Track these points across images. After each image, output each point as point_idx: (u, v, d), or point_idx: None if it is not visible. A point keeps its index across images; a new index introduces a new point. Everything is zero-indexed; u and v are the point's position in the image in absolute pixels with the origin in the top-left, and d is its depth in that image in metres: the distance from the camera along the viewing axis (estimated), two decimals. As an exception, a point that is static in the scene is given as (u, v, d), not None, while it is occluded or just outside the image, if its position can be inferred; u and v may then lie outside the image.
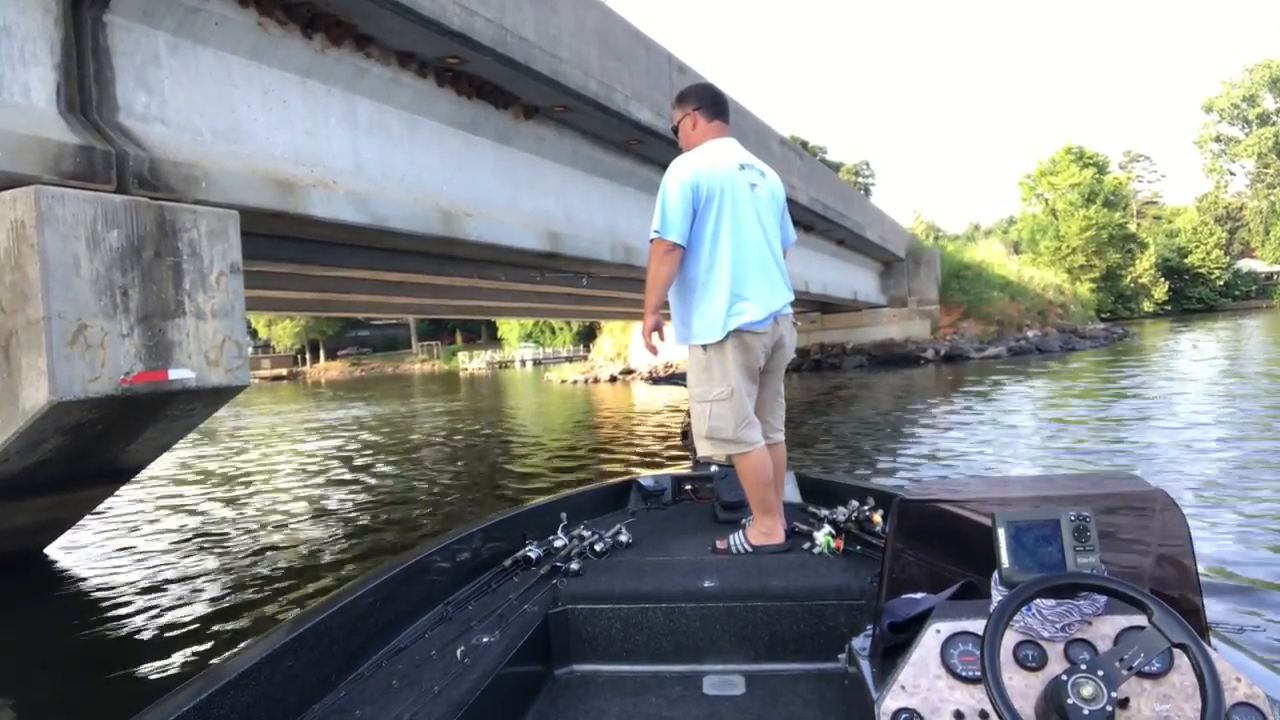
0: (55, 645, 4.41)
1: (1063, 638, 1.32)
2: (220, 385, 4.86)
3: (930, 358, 26.91)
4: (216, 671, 1.54)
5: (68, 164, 4.27)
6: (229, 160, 5.34)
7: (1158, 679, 1.28)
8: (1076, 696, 1.15)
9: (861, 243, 23.38)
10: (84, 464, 4.93)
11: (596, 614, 2.29)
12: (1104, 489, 1.62)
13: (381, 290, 12.37)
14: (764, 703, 2.05)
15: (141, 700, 1.47)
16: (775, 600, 2.26)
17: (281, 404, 30.42)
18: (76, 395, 4.15)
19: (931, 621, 1.39)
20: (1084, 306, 39.20)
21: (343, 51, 6.17)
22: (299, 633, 1.70)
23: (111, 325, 4.31)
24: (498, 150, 8.22)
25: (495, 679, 1.84)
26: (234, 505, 8.36)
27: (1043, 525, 1.36)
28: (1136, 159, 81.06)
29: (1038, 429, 10.23)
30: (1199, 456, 7.48)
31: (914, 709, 1.32)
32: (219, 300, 4.85)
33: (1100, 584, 1.28)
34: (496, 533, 2.64)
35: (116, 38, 4.79)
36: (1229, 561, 4.49)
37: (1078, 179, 57.67)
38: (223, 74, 5.46)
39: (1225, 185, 71.82)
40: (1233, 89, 65.48)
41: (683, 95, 3.01)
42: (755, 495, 2.71)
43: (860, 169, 70.68)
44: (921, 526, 1.68)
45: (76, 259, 4.16)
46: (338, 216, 6.11)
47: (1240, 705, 1.24)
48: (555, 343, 65.88)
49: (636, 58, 9.11)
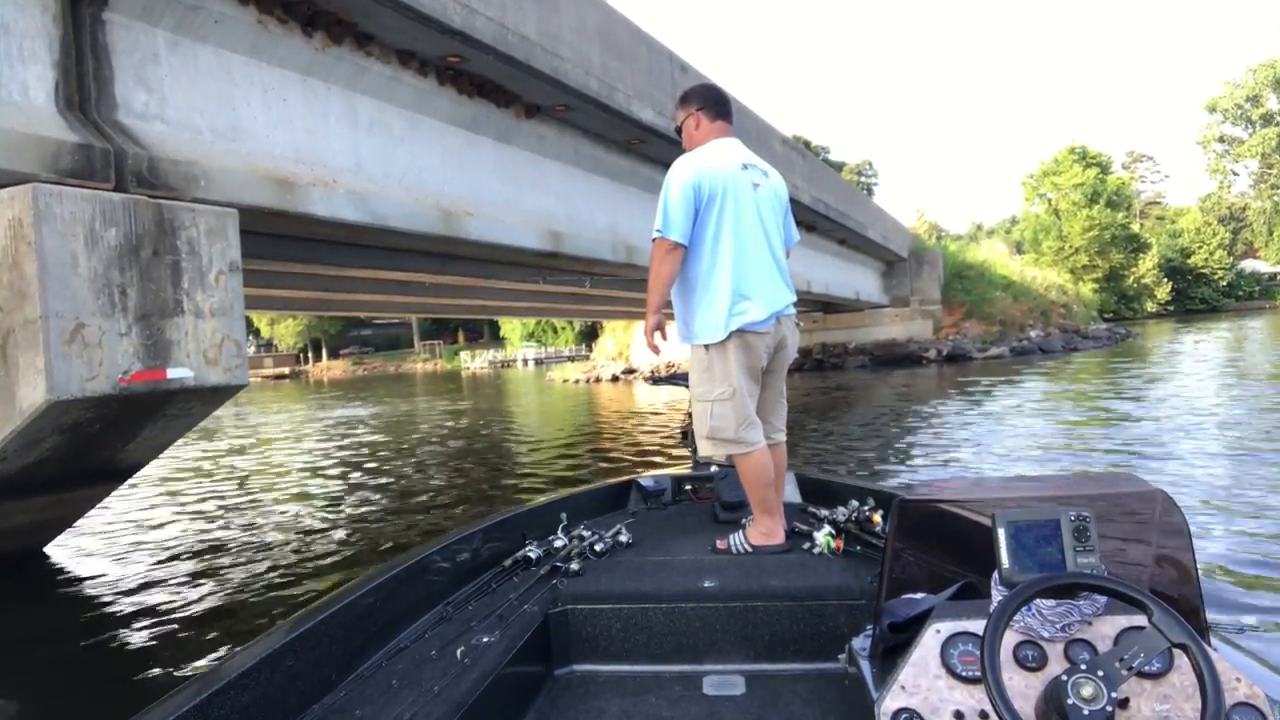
0: (54, 645, 4.39)
1: (1063, 638, 1.32)
2: (219, 384, 4.84)
3: (932, 358, 26.87)
4: (216, 671, 1.54)
5: (66, 162, 4.25)
6: (228, 158, 5.33)
7: (1158, 679, 1.28)
8: (1076, 697, 1.15)
9: (864, 242, 23.34)
10: (82, 463, 4.92)
11: (596, 614, 2.29)
12: (1104, 489, 1.62)
13: (383, 289, 12.36)
14: (764, 703, 2.05)
15: (141, 701, 1.46)
16: (775, 600, 2.25)
17: (284, 402, 30.44)
18: (74, 394, 4.13)
19: (931, 622, 1.38)
20: (1087, 307, 39.13)
21: (343, 50, 6.15)
22: (299, 633, 1.70)
23: (109, 324, 4.29)
24: (499, 149, 8.20)
25: (495, 679, 1.83)
26: (235, 505, 8.34)
27: (1043, 525, 1.36)
28: (1140, 159, 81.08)
29: (1040, 429, 10.20)
30: (1199, 457, 7.46)
31: (914, 709, 1.32)
32: (218, 299, 4.83)
33: (1100, 584, 1.28)
34: (496, 533, 2.64)
35: (115, 35, 4.77)
36: (1229, 561, 4.47)
37: (1081, 179, 57.52)
38: (222, 72, 5.45)
39: (1229, 186, 71.80)
40: (1236, 89, 65.37)
41: (686, 96, 3.01)
42: (756, 495, 2.70)
43: (863, 169, 70.63)
44: (921, 526, 1.68)
45: (74, 257, 4.15)
46: (338, 215, 6.09)
47: (1240, 705, 1.24)
48: (557, 342, 65.86)
49: (638, 57, 9.08)
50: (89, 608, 4.92)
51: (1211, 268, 66.61)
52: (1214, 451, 7.66)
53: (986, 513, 1.43)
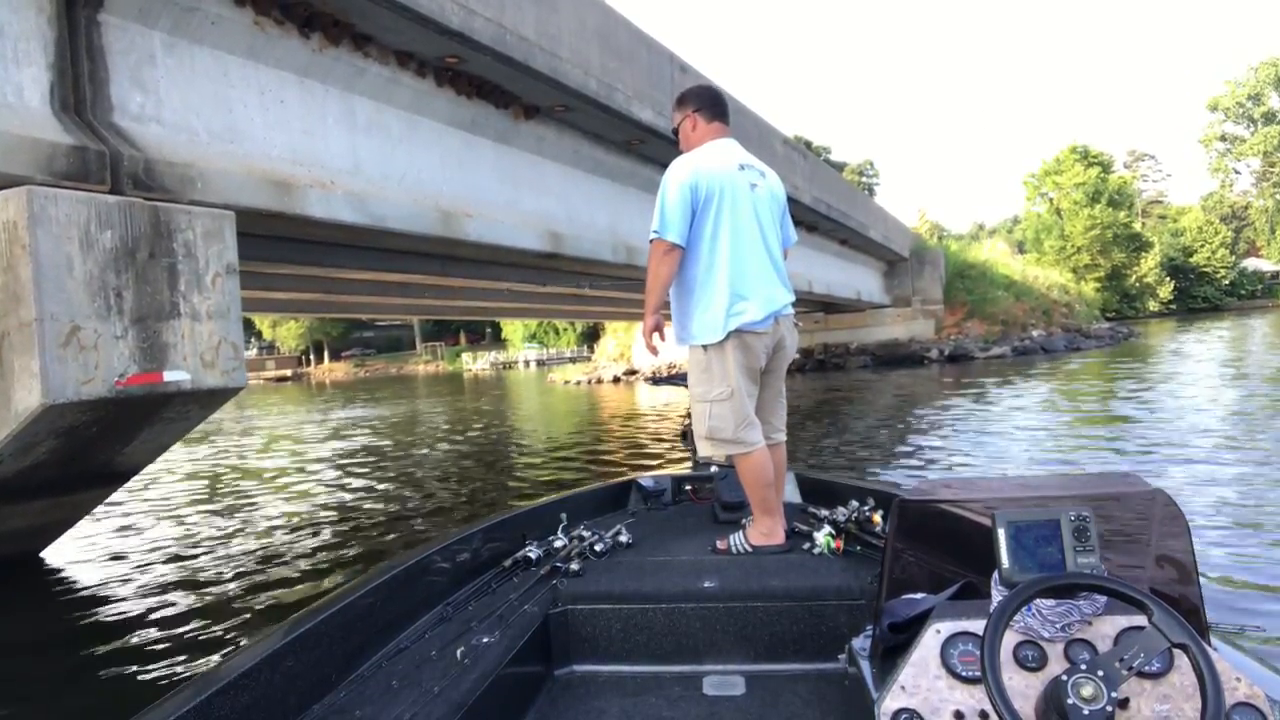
0: (53, 648, 4.37)
1: (1063, 638, 1.32)
2: (216, 387, 4.81)
3: (934, 358, 26.84)
4: (216, 671, 1.54)
5: (61, 164, 4.23)
6: (225, 160, 5.30)
7: (1158, 679, 1.27)
8: (1076, 697, 1.15)
9: (865, 242, 23.31)
10: (79, 466, 4.89)
11: (596, 614, 2.29)
12: (1104, 489, 1.62)
13: (383, 291, 12.34)
14: (764, 703, 2.05)
15: (140, 701, 1.45)
16: (775, 600, 2.25)
17: (286, 404, 30.42)
18: (69, 398, 4.11)
19: (931, 622, 1.38)
20: (1089, 306, 39.06)
21: (341, 51, 6.13)
22: (299, 633, 1.70)
23: (105, 327, 4.27)
24: (498, 150, 8.18)
25: (495, 679, 1.83)
26: (234, 507, 8.32)
27: (1043, 525, 1.36)
28: (1141, 158, 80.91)
29: (1042, 431, 10.15)
30: (1200, 457, 7.43)
31: (914, 709, 1.32)
32: (215, 301, 4.81)
33: (1100, 584, 1.27)
34: (496, 533, 2.64)
35: (111, 37, 4.75)
36: (1229, 561, 4.46)
37: (1082, 178, 57.39)
38: (219, 74, 5.42)
39: (1230, 184, 71.73)
40: (1238, 88, 65.29)
41: (683, 97, 2.99)
42: (756, 495, 2.68)
43: (864, 169, 70.56)
44: (921, 526, 1.68)
45: (69, 260, 4.12)
46: (336, 217, 6.06)
47: (1240, 705, 1.24)
48: (559, 343, 65.88)
49: (638, 57, 9.06)
50: (87, 612, 4.88)
51: (1214, 266, 66.48)
52: (1215, 451, 7.62)
53: (986, 512, 1.43)
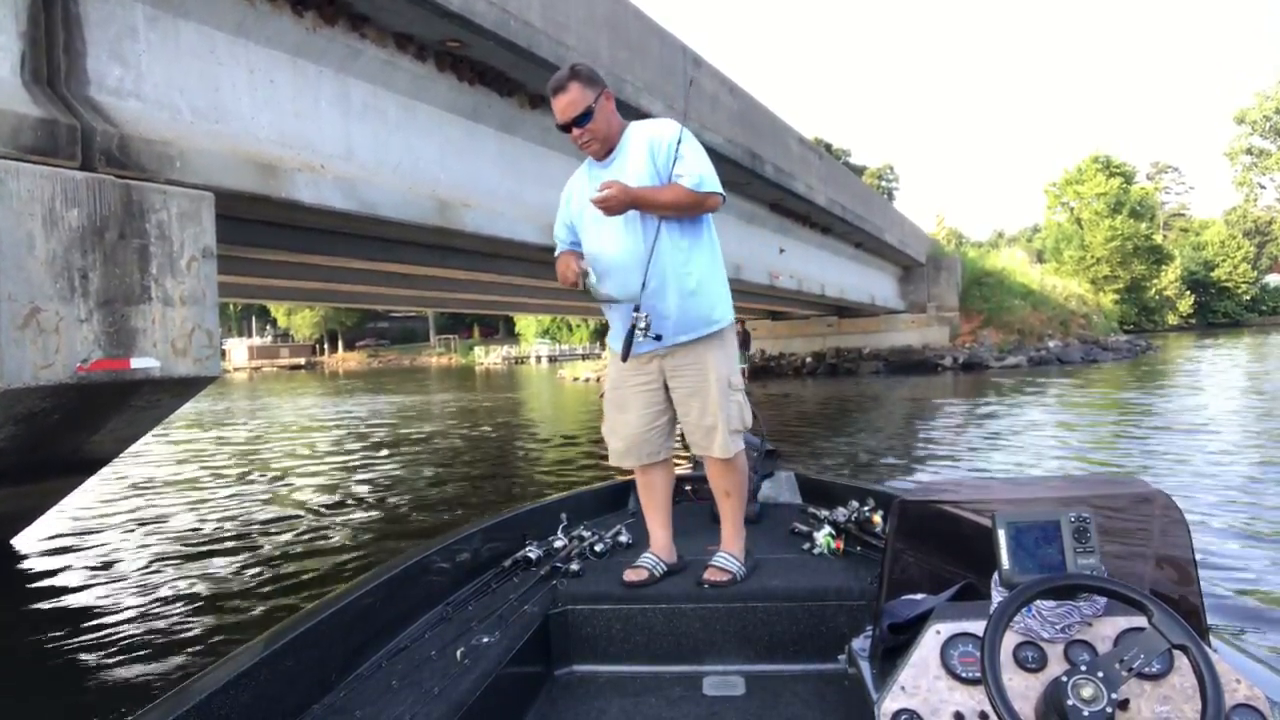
0: (15, 633, 4.21)
1: (1063, 639, 1.32)
2: (188, 375, 4.61)
3: (948, 365, 26.48)
4: (216, 671, 1.53)
5: (27, 137, 4.03)
6: (208, 140, 5.11)
7: (1158, 680, 1.28)
8: (1076, 698, 1.15)
9: (880, 246, 23.02)
10: (42, 454, 4.70)
11: (596, 614, 2.30)
12: (1104, 490, 1.63)
13: (385, 281, 12.14)
14: (764, 704, 2.06)
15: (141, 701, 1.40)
16: (775, 601, 2.26)
17: (299, 391, 30.38)
18: (26, 382, 3.90)
19: (931, 622, 1.38)
20: (1107, 318, 38.51)
21: (336, 31, 5.93)
22: (299, 633, 1.70)
23: (68, 310, 4.07)
24: (501, 140, 7.97)
25: (495, 679, 1.85)
26: (230, 498, 8.15)
27: (1043, 526, 1.35)
28: (1165, 170, 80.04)
29: (1055, 443, 9.86)
30: (1200, 457, 7.47)
31: (914, 710, 1.32)
32: (189, 286, 4.61)
33: (1100, 585, 1.27)
34: (496, 533, 2.64)
35: (89, 8, 4.56)
36: (1230, 563, 4.44)
37: (1104, 188, 56.70)
38: (206, 50, 5.23)
39: (1255, 199, 70.80)
40: (1266, 100, 64.30)
41: (592, 73, 2.50)
42: (739, 495, 2.51)
43: (885, 173, 70.10)
44: (921, 527, 1.69)
45: (31, 238, 3.92)
46: (325, 202, 5.86)
47: (1240, 707, 1.24)
48: (572, 339, 65.67)
49: (649, 49, 8.83)
50: (55, 598, 4.73)
51: (1235, 281, 65.79)
52: (1216, 453, 7.66)
53: (986, 513, 1.43)
